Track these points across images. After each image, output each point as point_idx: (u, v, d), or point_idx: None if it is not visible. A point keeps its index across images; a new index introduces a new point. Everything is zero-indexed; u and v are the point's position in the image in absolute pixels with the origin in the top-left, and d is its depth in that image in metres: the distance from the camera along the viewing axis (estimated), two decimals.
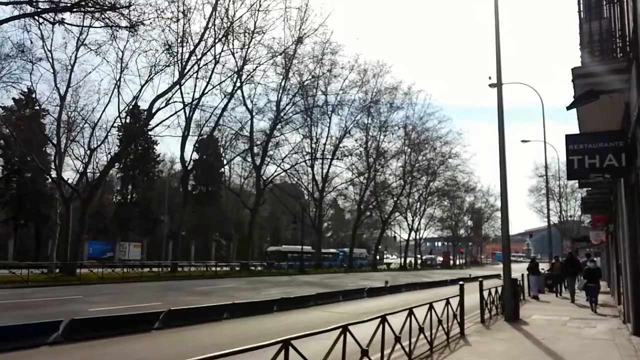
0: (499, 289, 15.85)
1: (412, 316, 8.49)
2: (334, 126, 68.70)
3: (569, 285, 21.41)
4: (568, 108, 8.03)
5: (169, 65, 32.51)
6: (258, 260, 61.79)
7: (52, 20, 24.13)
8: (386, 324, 7.28)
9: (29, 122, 37.55)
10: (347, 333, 6.06)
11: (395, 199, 63.12)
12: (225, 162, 65.52)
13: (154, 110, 32.81)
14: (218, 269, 36.76)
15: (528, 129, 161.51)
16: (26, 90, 45.42)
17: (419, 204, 71.56)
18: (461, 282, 12.08)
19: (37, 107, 45.76)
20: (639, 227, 9.97)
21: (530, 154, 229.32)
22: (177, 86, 33.33)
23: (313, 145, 52.38)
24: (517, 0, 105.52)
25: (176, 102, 34.04)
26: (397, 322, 7.92)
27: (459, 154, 64.47)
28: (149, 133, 61.36)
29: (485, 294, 14.59)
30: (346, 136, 54.55)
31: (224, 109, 38.18)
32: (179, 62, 33.36)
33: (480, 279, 15.40)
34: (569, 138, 8.52)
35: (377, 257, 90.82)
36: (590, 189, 19.19)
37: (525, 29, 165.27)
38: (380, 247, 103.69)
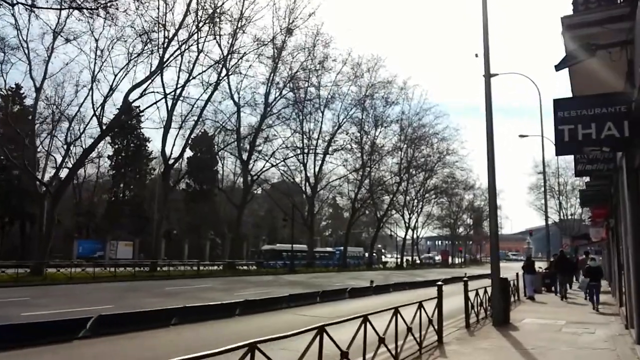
0: (490, 290, 14.39)
1: (368, 323, 6.92)
2: (327, 122, 66.82)
3: (560, 285, 20.78)
4: (557, 68, 6.47)
5: (142, 53, 30.78)
6: (253, 259, 60.47)
7: (15, 2, 22.74)
8: (334, 336, 5.75)
9: (15, 117, 36.07)
10: (256, 351, 4.51)
11: (391, 196, 61.41)
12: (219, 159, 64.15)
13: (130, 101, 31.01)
14: (202, 268, 35.19)
15: (529, 125, 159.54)
16: (14, 86, 44.63)
17: (416, 201, 69.95)
18: (439, 283, 10.51)
19: (24, 104, 44.59)
20: None
21: (531, 151, 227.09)
22: (156, 76, 31.65)
23: (305, 141, 50.83)
24: None
25: (155, 92, 32.33)
26: (349, 333, 6.42)
27: (456, 151, 62.85)
28: (139, 128, 60.26)
29: (473, 295, 13.07)
30: (339, 131, 53.04)
31: (208, 100, 36.51)
32: (158, 49, 31.70)
33: (465, 279, 13.85)
34: (558, 103, 6.92)
35: (374, 256, 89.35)
36: (588, 180, 17.62)
37: (527, 23, 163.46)
38: (379, 245, 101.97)
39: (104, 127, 30.71)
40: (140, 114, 45.35)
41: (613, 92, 6.98)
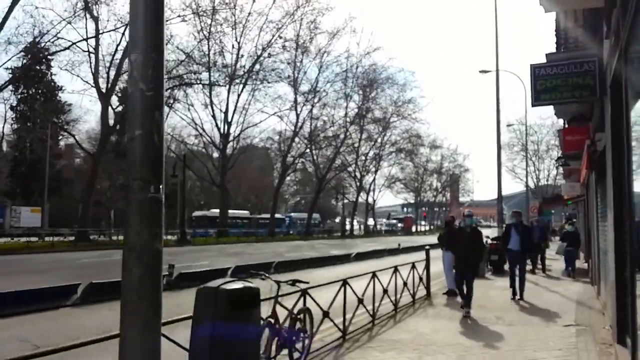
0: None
1: None
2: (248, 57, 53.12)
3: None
4: None
5: None
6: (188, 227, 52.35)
7: None
8: None
9: None
10: None
11: (336, 150, 51.25)
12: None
13: None
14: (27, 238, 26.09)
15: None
16: None
17: (369, 159, 60.54)
18: None
19: None
20: None
21: (504, 109, 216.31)
22: None
23: (215, 75, 40.35)
24: None
25: None
26: None
27: (414, 99, 53.50)
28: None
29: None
30: (265, 65, 42.38)
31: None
32: None
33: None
34: None
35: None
36: (551, 52, 8.38)
37: None
38: (356, 212, 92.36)
39: None
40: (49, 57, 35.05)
41: None
